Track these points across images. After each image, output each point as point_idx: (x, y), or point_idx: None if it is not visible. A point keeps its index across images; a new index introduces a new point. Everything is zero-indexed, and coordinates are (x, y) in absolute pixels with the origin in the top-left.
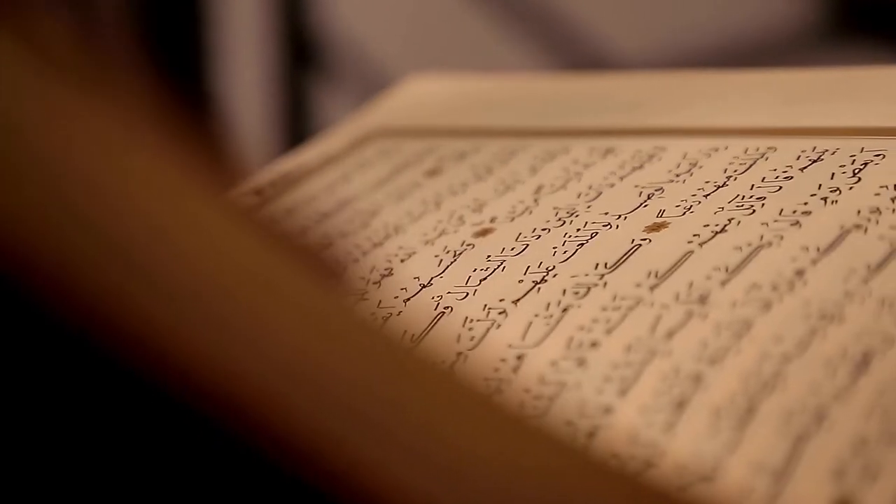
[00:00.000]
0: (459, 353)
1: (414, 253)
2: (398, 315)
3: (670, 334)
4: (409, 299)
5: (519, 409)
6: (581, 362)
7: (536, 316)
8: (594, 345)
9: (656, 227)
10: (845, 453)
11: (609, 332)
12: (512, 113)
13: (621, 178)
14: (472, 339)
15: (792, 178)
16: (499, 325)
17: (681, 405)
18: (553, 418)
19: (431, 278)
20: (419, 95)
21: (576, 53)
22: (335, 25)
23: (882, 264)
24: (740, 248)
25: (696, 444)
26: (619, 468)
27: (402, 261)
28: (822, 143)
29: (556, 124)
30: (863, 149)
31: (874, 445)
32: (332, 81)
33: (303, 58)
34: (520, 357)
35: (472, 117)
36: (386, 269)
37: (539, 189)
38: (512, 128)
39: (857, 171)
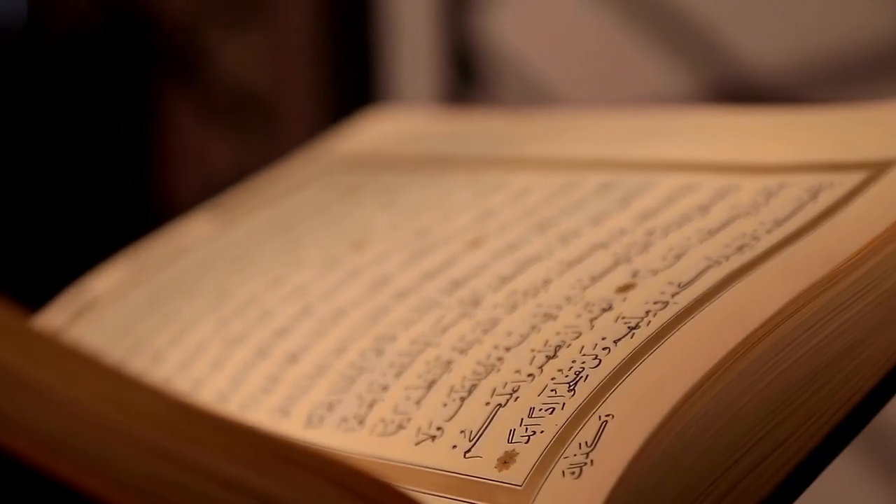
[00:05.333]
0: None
1: (304, 260)
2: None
3: (444, 330)
4: (286, 295)
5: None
6: (379, 352)
7: (366, 315)
8: (393, 338)
9: (474, 244)
10: (519, 420)
11: (406, 328)
12: (437, 144)
13: (475, 201)
14: (318, 331)
15: (584, 204)
16: (337, 322)
17: (431, 384)
18: (351, 394)
19: (309, 281)
20: (371, 128)
21: (722, 74)
22: (498, 42)
23: (601, 275)
24: (519, 262)
25: (431, 414)
26: (223, 420)
27: (294, 265)
28: (620, 177)
29: (457, 154)
30: (648, 181)
31: (538, 414)
32: (494, 96)
33: (466, 74)
34: (342, 348)
35: (405, 147)
36: (279, 275)
37: (413, 210)
38: (426, 156)
39: (629, 198)
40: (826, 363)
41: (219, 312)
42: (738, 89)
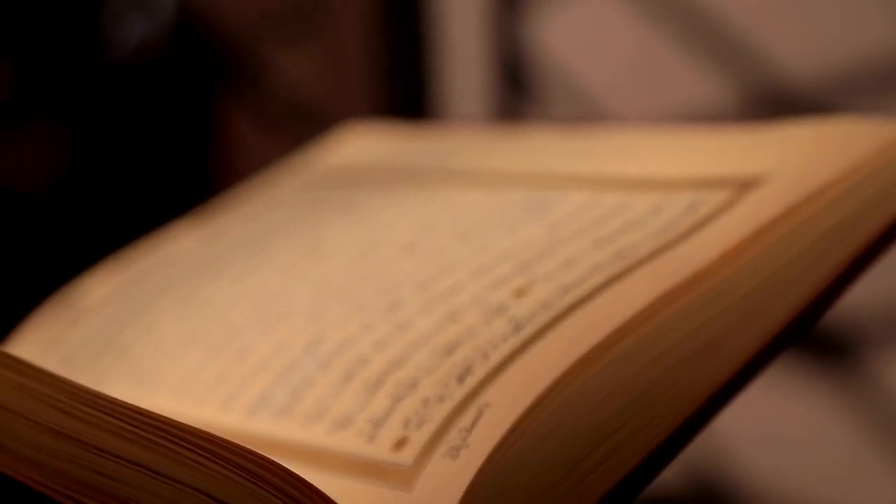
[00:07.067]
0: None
1: (264, 267)
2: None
3: (368, 330)
4: (244, 298)
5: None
6: (312, 350)
7: (306, 317)
8: (325, 337)
9: (408, 251)
10: (415, 409)
11: (338, 328)
12: (402, 159)
13: (419, 212)
14: (265, 330)
15: (507, 215)
16: (281, 322)
17: (349, 379)
18: (284, 389)
19: (265, 285)
20: (348, 144)
21: (768, 86)
22: (549, 55)
23: (505, 281)
24: (442, 268)
25: (346, 404)
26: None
27: (255, 271)
28: (542, 190)
29: (416, 168)
30: (563, 195)
31: (430, 404)
32: (544, 109)
33: (518, 87)
34: (282, 346)
35: (374, 162)
36: (241, 280)
37: (366, 221)
38: (390, 171)
39: (544, 211)
40: (680, 362)
41: (183, 313)
42: (784, 101)
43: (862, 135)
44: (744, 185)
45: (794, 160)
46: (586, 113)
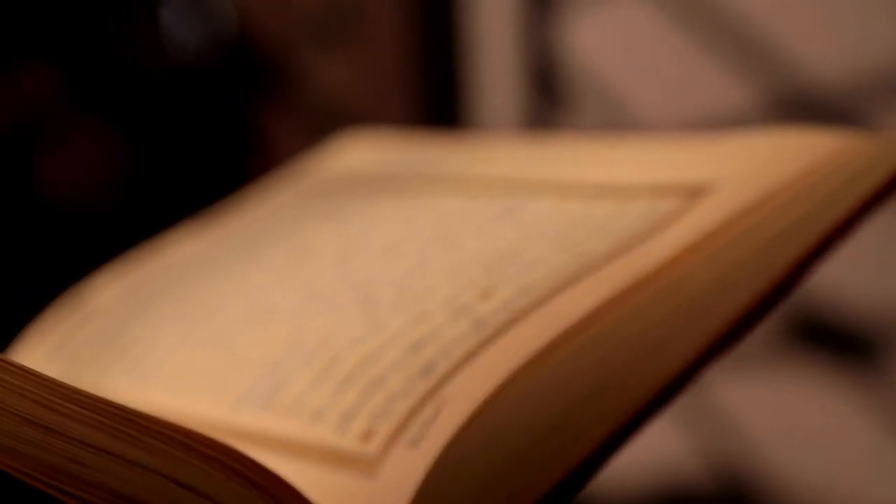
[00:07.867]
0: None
1: (256, 270)
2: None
3: (344, 328)
4: (237, 298)
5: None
6: (294, 348)
7: (291, 316)
8: (306, 336)
9: (386, 254)
10: (382, 403)
11: (319, 327)
12: (393, 166)
13: (404, 216)
14: (254, 328)
15: (483, 220)
16: (269, 321)
17: (325, 376)
18: (266, 384)
19: (256, 287)
20: (345, 151)
21: (799, 93)
22: (581, 63)
23: (473, 283)
24: (415, 271)
25: (321, 399)
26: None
27: (248, 274)
28: (518, 199)
29: (406, 175)
30: (537, 201)
31: (397, 399)
32: (575, 113)
33: (548, 90)
34: (269, 344)
35: (369, 169)
36: (234, 282)
37: (348, 226)
38: (382, 177)
39: (517, 215)
40: (628, 360)
41: (181, 313)
42: (814, 105)
43: (812, 144)
44: (694, 193)
45: (745, 169)
46: (617, 118)
